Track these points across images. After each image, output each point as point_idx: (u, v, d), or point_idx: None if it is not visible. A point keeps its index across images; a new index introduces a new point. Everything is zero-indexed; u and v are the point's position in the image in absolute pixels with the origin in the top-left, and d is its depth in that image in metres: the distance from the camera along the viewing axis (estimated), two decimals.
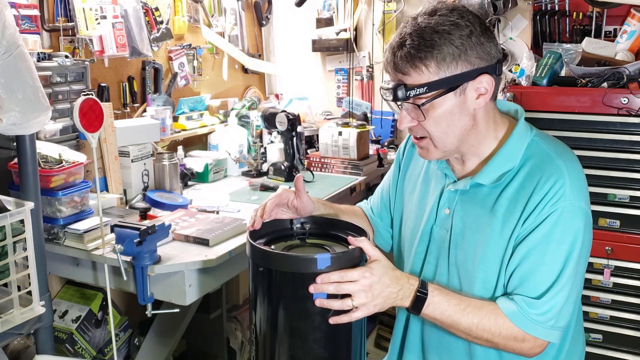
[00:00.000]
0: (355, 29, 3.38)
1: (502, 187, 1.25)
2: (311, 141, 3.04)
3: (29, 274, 1.49)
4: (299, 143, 2.68)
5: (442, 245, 1.34)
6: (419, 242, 1.39)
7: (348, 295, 1.13)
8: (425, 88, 1.18)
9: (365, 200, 1.66)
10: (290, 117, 2.65)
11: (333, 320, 1.13)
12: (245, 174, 2.73)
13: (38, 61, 2.00)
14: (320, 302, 1.12)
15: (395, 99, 1.20)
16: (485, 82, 1.21)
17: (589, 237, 1.25)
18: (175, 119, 2.74)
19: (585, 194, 1.25)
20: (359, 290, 1.12)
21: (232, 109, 3.00)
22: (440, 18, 1.18)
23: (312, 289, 1.11)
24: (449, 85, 1.19)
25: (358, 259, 1.18)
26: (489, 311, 1.21)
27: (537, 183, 1.21)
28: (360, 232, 1.28)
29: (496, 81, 1.24)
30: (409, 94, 1.19)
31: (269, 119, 2.72)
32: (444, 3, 1.24)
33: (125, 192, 2.18)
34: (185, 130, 2.74)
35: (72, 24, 2.29)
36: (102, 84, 2.40)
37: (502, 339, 1.20)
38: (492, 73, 1.22)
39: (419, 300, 1.18)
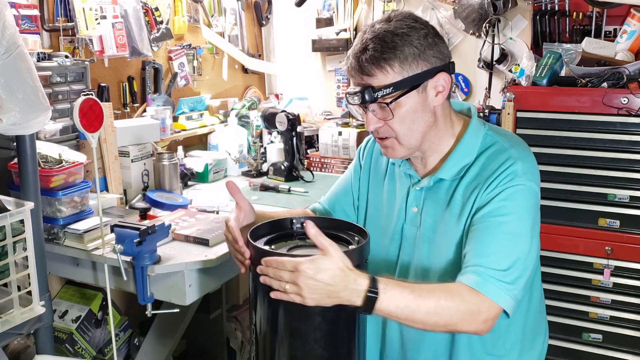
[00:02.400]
0: (355, 29, 3.37)
1: (460, 178, 1.34)
2: (311, 141, 3.04)
3: (29, 274, 1.49)
4: (299, 143, 2.68)
5: (413, 242, 1.40)
6: (391, 241, 1.45)
7: None
8: (391, 88, 1.26)
9: (316, 203, 1.68)
10: (290, 117, 2.65)
11: (274, 294, 1.12)
12: (245, 174, 2.73)
13: (38, 61, 1.99)
14: (263, 279, 1.13)
15: (364, 101, 1.27)
16: (442, 79, 1.30)
17: (539, 216, 1.32)
18: (175, 119, 2.74)
19: (536, 176, 1.32)
20: (291, 282, 1.10)
21: (232, 109, 3.00)
22: (397, 23, 1.28)
23: (258, 269, 1.14)
24: (412, 84, 1.27)
25: (358, 259, 1.18)
26: (443, 290, 1.20)
27: (491, 169, 1.30)
28: (361, 231, 1.28)
29: (451, 80, 1.32)
30: (377, 95, 1.26)
31: (269, 119, 2.72)
32: (397, 11, 1.35)
33: (125, 192, 2.18)
34: (185, 130, 2.74)
35: (72, 24, 2.29)
36: (102, 84, 2.40)
37: (460, 315, 1.18)
38: (447, 71, 1.31)
39: (370, 300, 1.12)
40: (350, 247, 1.23)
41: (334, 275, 1.10)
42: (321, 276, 1.09)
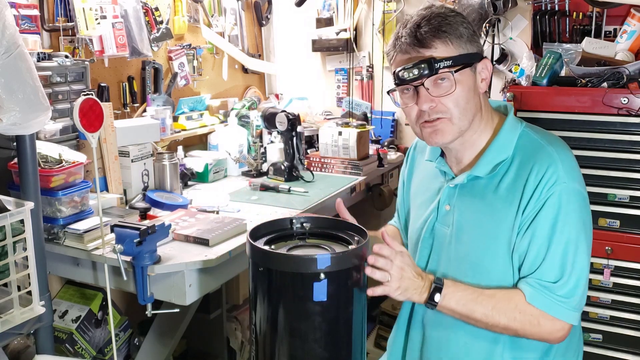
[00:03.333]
0: (355, 29, 3.38)
1: (498, 178, 1.30)
2: (311, 141, 3.04)
3: (29, 274, 1.49)
4: (299, 143, 2.68)
5: (444, 241, 1.38)
6: (423, 240, 1.43)
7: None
8: (451, 61, 1.24)
9: (392, 221, 1.71)
10: (290, 117, 2.65)
11: (371, 291, 1.20)
12: (245, 174, 2.73)
13: (38, 61, 1.99)
14: (371, 272, 1.19)
15: (421, 75, 1.24)
16: (487, 66, 1.32)
17: (589, 217, 1.31)
18: (175, 119, 2.74)
19: (579, 176, 1.30)
20: (398, 270, 1.20)
21: (232, 109, 3.00)
22: (442, 10, 1.30)
23: (370, 259, 1.18)
24: (468, 61, 1.27)
25: (359, 259, 1.18)
26: (501, 297, 1.26)
27: (530, 170, 1.26)
28: (361, 231, 1.28)
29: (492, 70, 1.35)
30: (439, 65, 1.24)
31: (269, 119, 2.72)
32: (434, 5, 1.34)
33: (125, 192, 2.18)
34: (185, 130, 2.74)
35: (72, 24, 2.29)
36: (102, 84, 2.40)
37: (518, 324, 1.24)
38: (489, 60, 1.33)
39: (436, 290, 1.25)
40: (350, 247, 1.23)
41: (415, 269, 1.25)
42: (412, 268, 1.24)
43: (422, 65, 1.23)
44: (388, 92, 1.36)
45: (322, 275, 1.13)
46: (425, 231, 1.42)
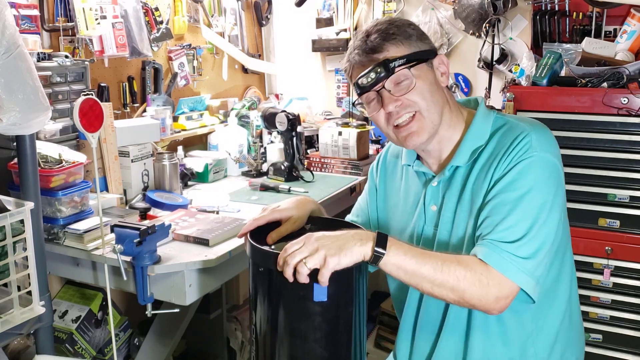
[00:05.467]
0: (355, 29, 3.37)
1: (473, 161, 1.32)
2: (311, 141, 3.04)
3: (29, 274, 1.49)
4: (299, 143, 2.68)
5: (432, 243, 1.36)
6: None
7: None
8: (405, 59, 1.27)
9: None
10: (290, 117, 2.65)
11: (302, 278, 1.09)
12: (245, 174, 2.73)
13: (38, 61, 1.99)
14: (287, 275, 1.10)
15: (379, 78, 1.26)
16: (444, 60, 1.35)
17: (562, 189, 1.29)
18: (175, 119, 2.74)
19: (554, 149, 1.29)
20: (308, 251, 1.10)
21: (232, 109, 3.00)
22: (387, 18, 1.36)
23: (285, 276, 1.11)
24: (422, 57, 1.30)
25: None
26: (451, 256, 1.20)
27: (505, 144, 1.27)
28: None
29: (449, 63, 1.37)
30: (394, 64, 1.26)
31: (269, 119, 2.72)
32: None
33: (125, 192, 2.18)
34: (185, 130, 2.74)
35: (72, 24, 2.29)
36: (102, 84, 2.40)
37: (468, 282, 1.14)
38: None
39: (381, 239, 1.14)
40: None
41: (334, 232, 1.16)
42: (327, 234, 1.14)
43: (378, 69, 1.26)
44: (354, 105, 1.37)
45: None
46: (416, 235, 1.40)
